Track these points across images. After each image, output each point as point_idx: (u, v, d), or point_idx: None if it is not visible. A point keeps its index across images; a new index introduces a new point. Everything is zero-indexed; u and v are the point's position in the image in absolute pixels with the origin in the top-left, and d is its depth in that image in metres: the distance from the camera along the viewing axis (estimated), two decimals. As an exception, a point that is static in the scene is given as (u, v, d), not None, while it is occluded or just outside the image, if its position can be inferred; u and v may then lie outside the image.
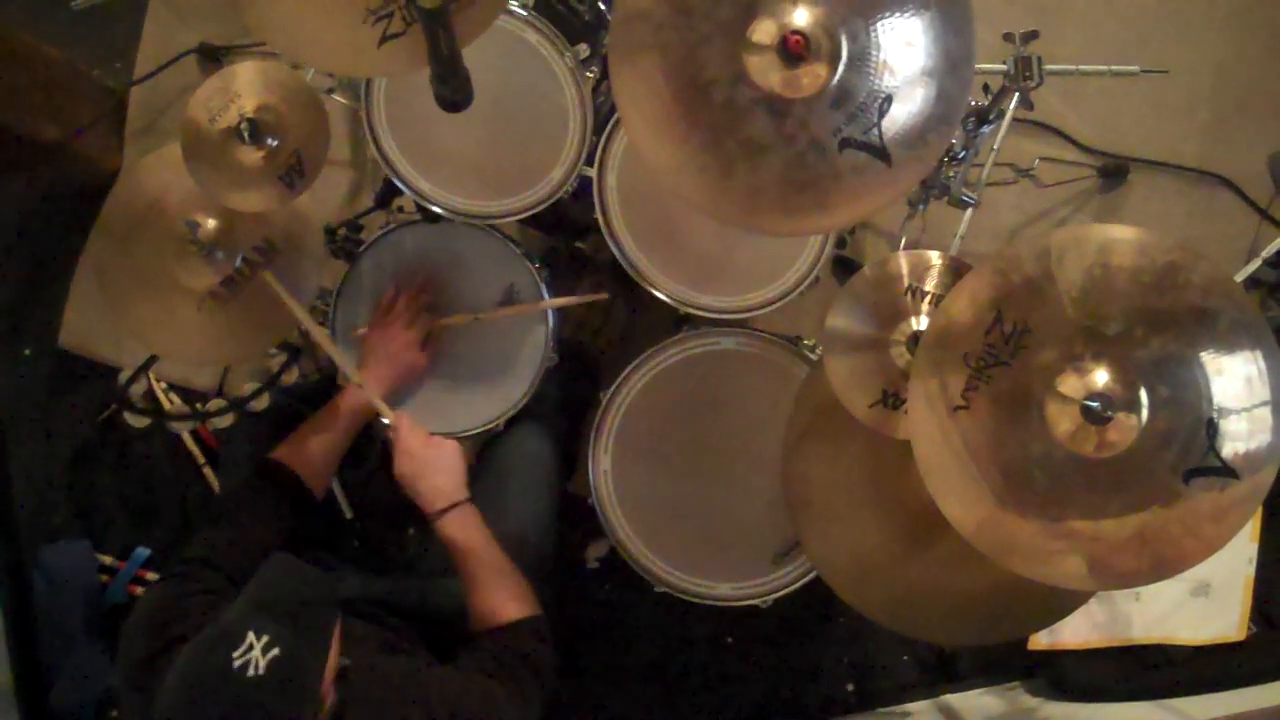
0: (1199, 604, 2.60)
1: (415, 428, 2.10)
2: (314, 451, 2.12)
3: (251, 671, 1.40)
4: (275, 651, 1.42)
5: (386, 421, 2.12)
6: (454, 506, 2.04)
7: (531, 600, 2.02)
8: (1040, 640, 2.69)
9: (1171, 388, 1.40)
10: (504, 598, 1.99)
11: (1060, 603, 1.78)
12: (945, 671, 2.96)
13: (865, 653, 2.99)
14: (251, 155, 1.88)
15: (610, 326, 2.82)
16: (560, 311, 2.31)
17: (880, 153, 1.47)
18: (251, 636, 1.42)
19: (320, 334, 2.04)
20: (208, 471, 3.03)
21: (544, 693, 1.90)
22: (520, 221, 2.26)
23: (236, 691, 1.40)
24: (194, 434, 3.02)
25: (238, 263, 1.99)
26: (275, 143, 1.88)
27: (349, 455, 2.22)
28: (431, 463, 2.07)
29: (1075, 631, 2.65)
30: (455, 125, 2.17)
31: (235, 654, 1.41)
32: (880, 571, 1.84)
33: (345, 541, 2.49)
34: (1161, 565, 1.40)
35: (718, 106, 1.49)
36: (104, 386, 3.05)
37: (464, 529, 2.03)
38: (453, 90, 1.55)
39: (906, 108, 1.47)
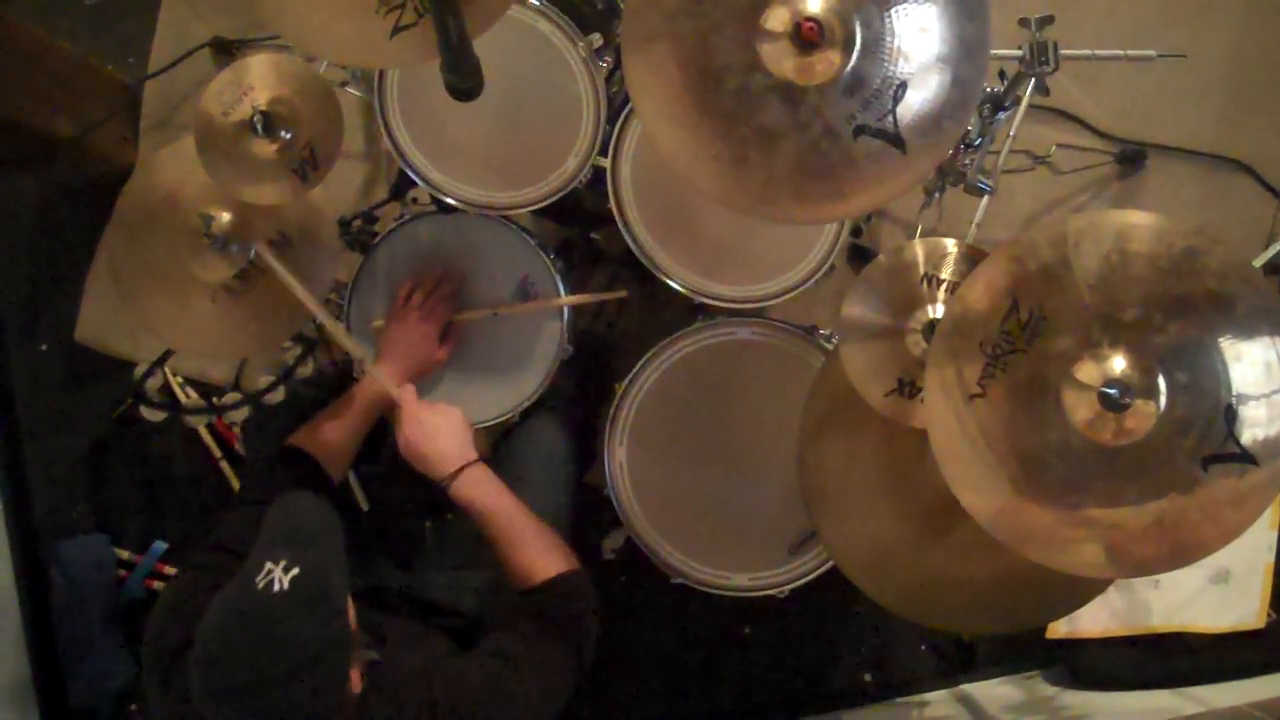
0: (1219, 592, 2.59)
1: (418, 398, 2.11)
2: (331, 437, 2.12)
3: (276, 587, 1.43)
4: (296, 570, 1.45)
5: (395, 393, 2.11)
6: (465, 468, 2.03)
7: (563, 553, 2.01)
8: (1059, 629, 2.68)
9: (1190, 374, 1.39)
10: (534, 554, 1.98)
11: (1078, 591, 1.78)
12: (963, 661, 2.95)
13: (883, 642, 2.98)
14: (265, 148, 1.87)
15: (625, 318, 2.82)
16: (575, 305, 2.31)
17: (895, 139, 1.46)
18: (269, 564, 1.46)
19: (320, 310, 2.02)
20: (224, 465, 3.04)
21: (579, 649, 1.90)
22: (535, 213, 2.26)
23: (264, 608, 1.43)
24: (210, 428, 3.03)
25: (252, 256, 1.98)
26: (289, 135, 1.87)
27: (365, 450, 2.22)
28: (438, 427, 2.06)
29: (1094, 620, 2.64)
30: (469, 116, 2.18)
31: (257, 579, 1.44)
32: (897, 561, 1.84)
33: (362, 534, 2.49)
34: (1180, 552, 1.39)
35: (731, 94, 1.49)
36: (120, 382, 3.06)
37: (478, 488, 2.02)
38: (462, 78, 1.54)
39: (921, 94, 1.46)
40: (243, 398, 2.27)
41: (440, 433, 2.06)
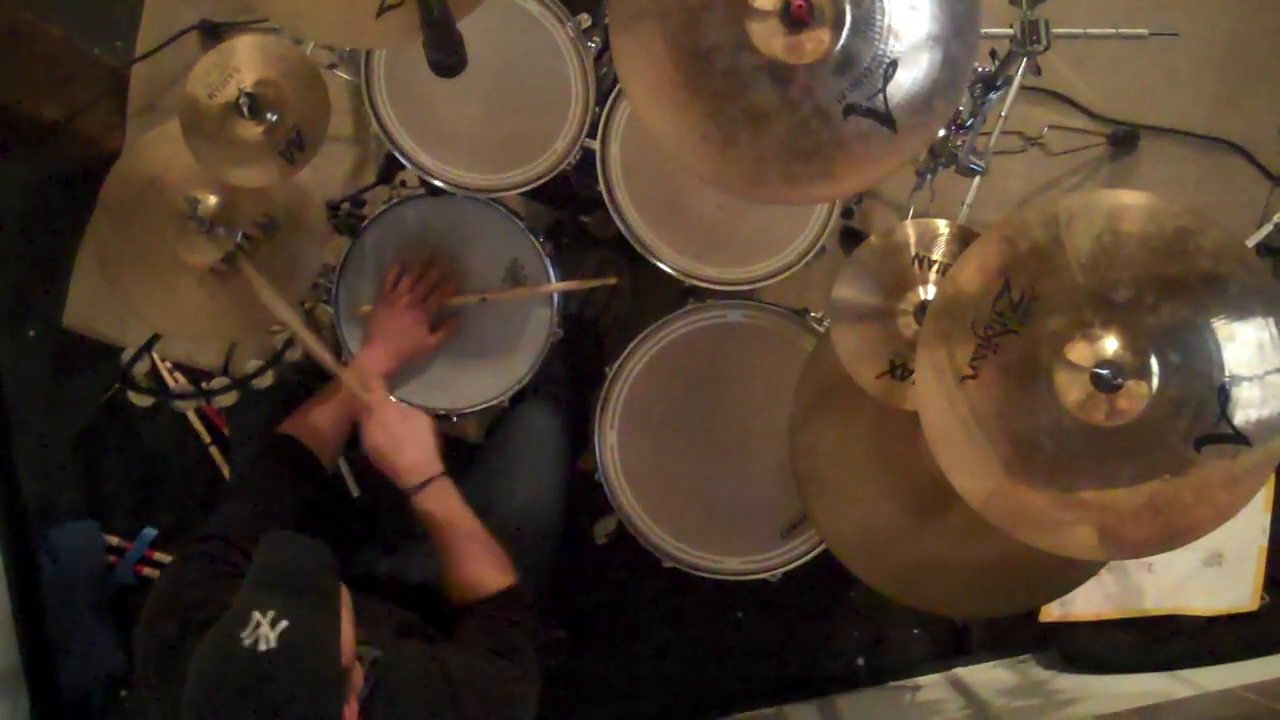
0: (1212, 574, 2.60)
1: (387, 401, 2.10)
2: (321, 424, 2.11)
3: (263, 646, 1.38)
4: (284, 624, 1.40)
5: (365, 397, 2.10)
6: (429, 481, 2.04)
7: (510, 568, 2.02)
8: (1052, 612, 2.68)
9: (1182, 354, 1.39)
10: (485, 568, 1.99)
11: (1071, 573, 1.78)
12: (956, 645, 2.96)
13: (876, 627, 2.98)
14: (251, 130, 1.86)
15: (616, 302, 2.80)
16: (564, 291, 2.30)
17: (885, 119, 1.45)
18: (257, 615, 1.40)
19: (295, 322, 2.01)
20: (214, 451, 3.02)
21: (538, 659, 1.89)
22: (525, 196, 2.24)
23: (251, 668, 1.38)
24: (200, 414, 3.02)
25: (239, 239, 1.97)
26: (275, 117, 1.86)
27: (356, 437, 2.20)
28: (406, 437, 2.06)
29: (1087, 603, 2.64)
30: (457, 98, 2.17)
31: (244, 634, 1.39)
32: (890, 544, 1.84)
33: (352, 519, 2.49)
34: (1173, 534, 1.40)
35: (720, 74, 1.47)
36: (109, 367, 3.04)
37: (441, 502, 2.03)
38: (445, 54, 1.53)
39: (912, 73, 1.44)
40: (231, 382, 2.26)
41: (407, 443, 2.06)
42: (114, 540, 3.03)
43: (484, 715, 1.71)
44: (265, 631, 1.39)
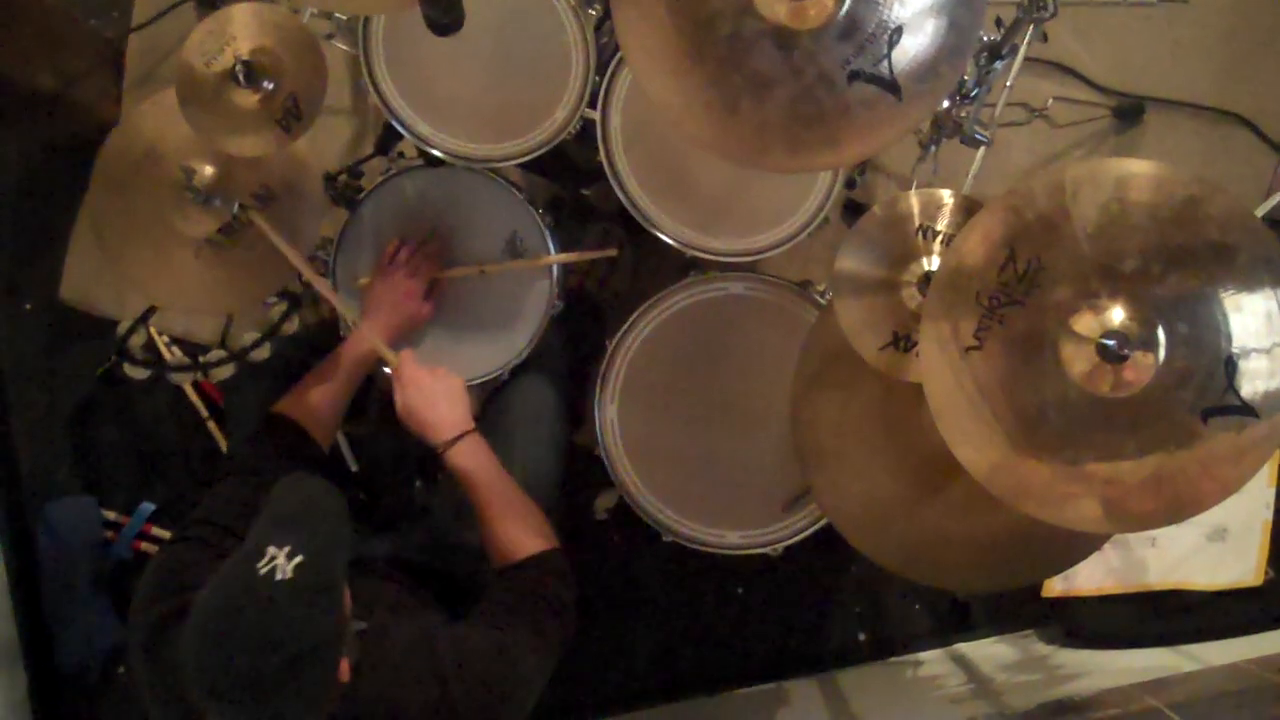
0: (1216, 549, 2.59)
1: (419, 363, 2.08)
2: (318, 403, 2.09)
3: (279, 576, 1.38)
4: (299, 559, 1.40)
5: (387, 370, 2.09)
6: (463, 436, 2.02)
7: (548, 533, 2.00)
8: (1054, 587, 2.67)
9: (1189, 325, 1.37)
10: (519, 530, 1.97)
11: (1075, 547, 1.77)
12: (958, 620, 2.95)
13: (877, 602, 2.98)
14: (247, 99, 1.85)
15: (616, 275, 2.79)
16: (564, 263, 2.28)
17: (890, 85, 1.42)
18: (273, 549, 1.40)
19: (314, 276, 2.00)
20: (211, 425, 3.01)
21: (564, 629, 1.89)
22: (525, 168, 2.23)
23: (267, 596, 1.38)
24: (197, 387, 3.00)
25: (235, 210, 1.96)
26: (271, 86, 1.84)
27: (351, 409, 2.19)
28: (439, 393, 2.05)
29: (1090, 578, 2.63)
30: (455, 67, 2.15)
31: (260, 564, 1.39)
32: (892, 518, 1.82)
33: (350, 496, 2.47)
34: (1178, 507, 1.38)
35: (722, 40, 1.45)
36: (106, 341, 3.01)
37: (475, 458, 2.01)
38: (441, 12, 1.51)
39: (917, 39, 1.42)
40: (228, 355, 2.24)
41: (441, 399, 2.04)
42: (111, 515, 3.02)
43: (470, 693, 1.69)
44: (281, 563, 1.39)
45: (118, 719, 3.02)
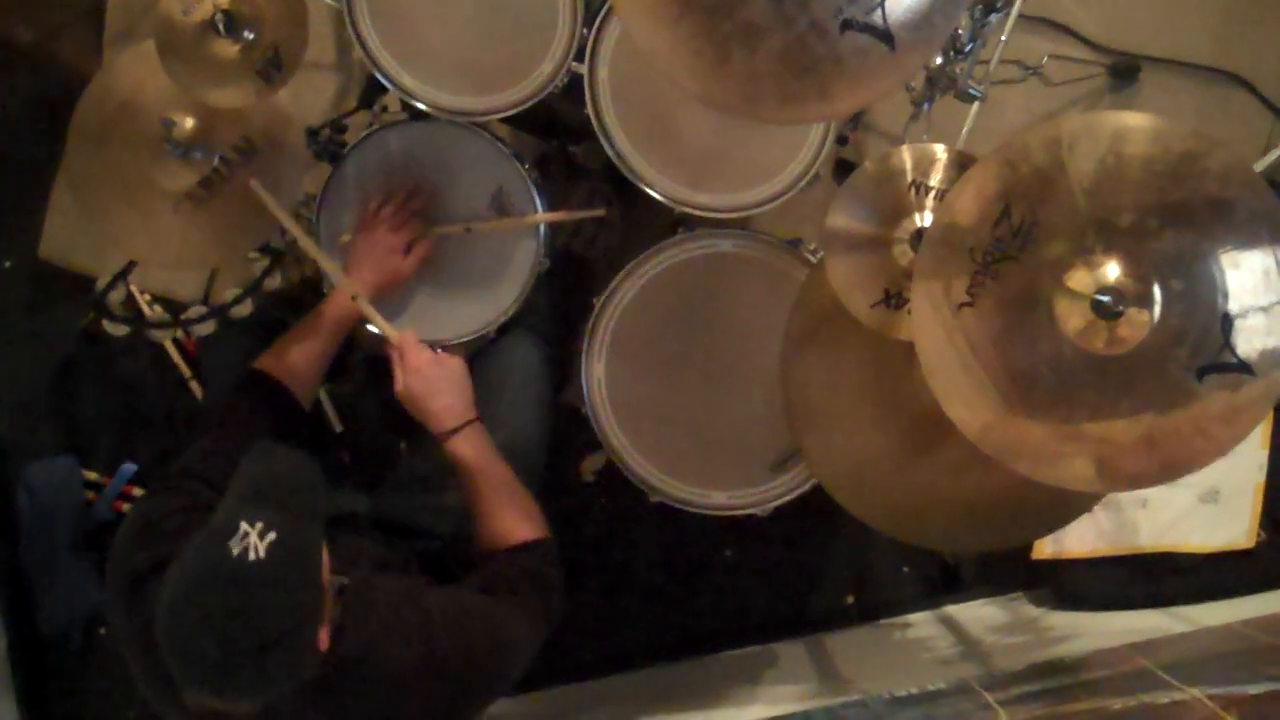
0: (1208, 511, 2.58)
1: (421, 345, 2.05)
2: (299, 360, 2.07)
3: (252, 556, 1.35)
4: (273, 535, 1.37)
5: (374, 329, 2.05)
6: (465, 425, 2.00)
7: (541, 522, 2.00)
8: (1045, 549, 2.67)
9: (1186, 281, 1.36)
10: (514, 519, 1.97)
11: (1066, 507, 1.77)
12: (947, 583, 2.95)
13: (866, 565, 2.97)
14: (228, 49, 1.83)
15: (604, 234, 2.76)
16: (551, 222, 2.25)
17: (884, 35, 1.40)
18: (245, 525, 1.37)
19: (310, 246, 1.98)
20: (193, 385, 2.99)
21: (551, 616, 1.88)
22: (512, 125, 2.20)
23: (240, 579, 1.35)
24: (178, 346, 2.97)
25: (216, 163, 1.94)
26: (252, 35, 1.83)
27: (333, 368, 2.17)
28: (442, 380, 2.02)
29: (1081, 540, 2.62)
30: (440, 18, 2.12)
31: (232, 543, 1.36)
32: (882, 478, 1.82)
33: (334, 456, 2.45)
34: (1171, 467, 1.37)
35: (712, -14, 1.42)
36: (86, 300, 2.98)
37: (476, 448, 2.00)
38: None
39: (911, -14, 1.39)
40: (208, 311, 2.22)
41: (443, 387, 2.02)
42: (92, 476, 3.01)
43: (456, 650, 1.69)
44: (254, 542, 1.36)
45: (100, 680, 3.01)
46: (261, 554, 1.36)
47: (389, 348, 2.05)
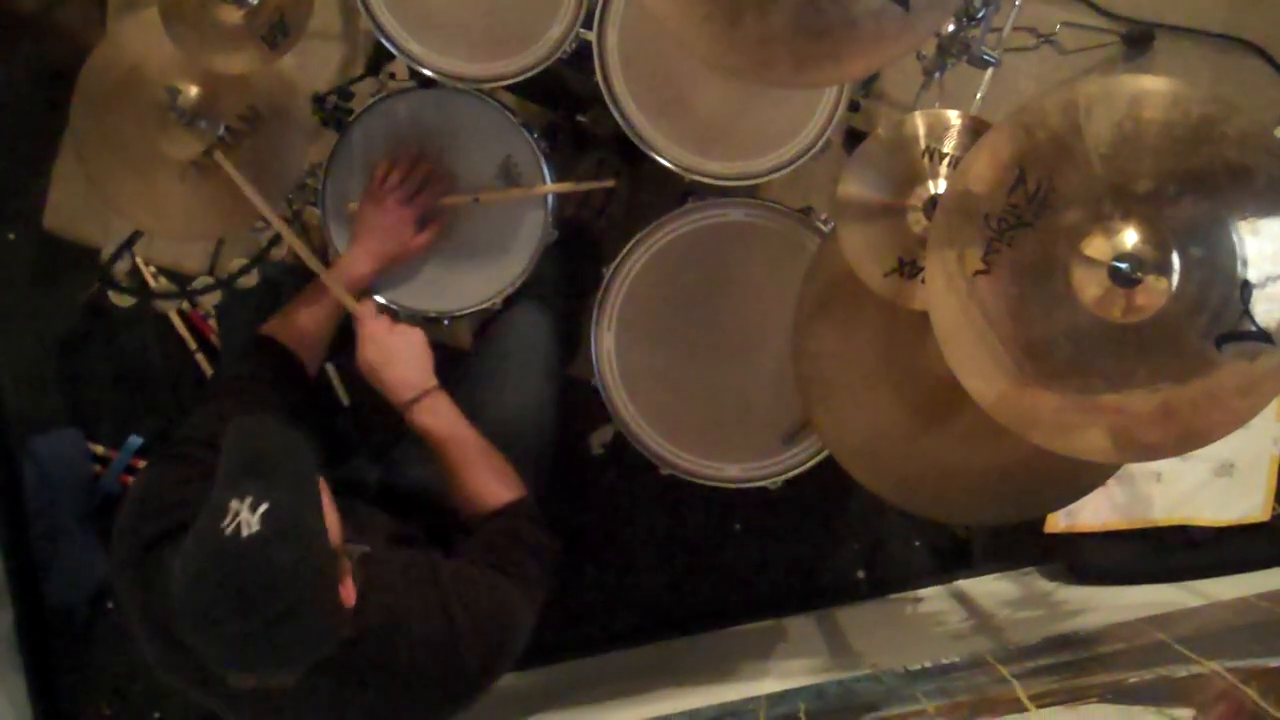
0: (1222, 485, 2.56)
1: (379, 316, 2.05)
2: (305, 325, 2.06)
3: (245, 531, 1.35)
4: (265, 506, 1.37)
5: (352, 306, 2.06)
6: (424, 395, 2.00)
7: (515, 481, 1.99)
8: (1058, 523, 2.65)
9: (1204, 248, 1.34)
10: (486, 482, 1.96)
11: (1080, 480, 1.76)
12: (958, 557, 2.94)
13: (876, 539, 2.96)
14: (232, 14, 1.81)
15: (613, 204, 2.74)
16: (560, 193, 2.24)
17: (898, -5, 1.38)
18: (234, 503, 1.38)
19: (280, 224, 1.96)
20: (199, 357, 2.97)
21: (545, 569, 1.88)
22: (518, 94, 2.17)
23: (238, 553, 1.35)
24: (184, 318, 2.96)
25: (221, 131, 1.93)
26: (256, 1, 1.80)
27: (342, 340, 2.15)
28: (397, 351, 2.02)
29: (1094, 514, 2.61)
30: (447, -17, 2.09)
31: (224, 524, 1.36)
32: (894, 449, 1.81)
33: (342, 427, 2.44)
34: (1187, 438, 1.36)
35: (722, -52, 1.40)
36: (92, 272, 2.99)
37: (436, 416, 1.99)
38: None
39: (925, -52, 1.37)
40: (214, 282, 2.20)
41: (399, 357, 2.02)
42: (99, 449, 3.00)
43: (470, 622, 1.68)
44: (246, 517, 1.37)
45: (106, 653, 3.02)
46: (255, 526, 1.36)
47: (355, 321, 2.05)
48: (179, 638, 1.44)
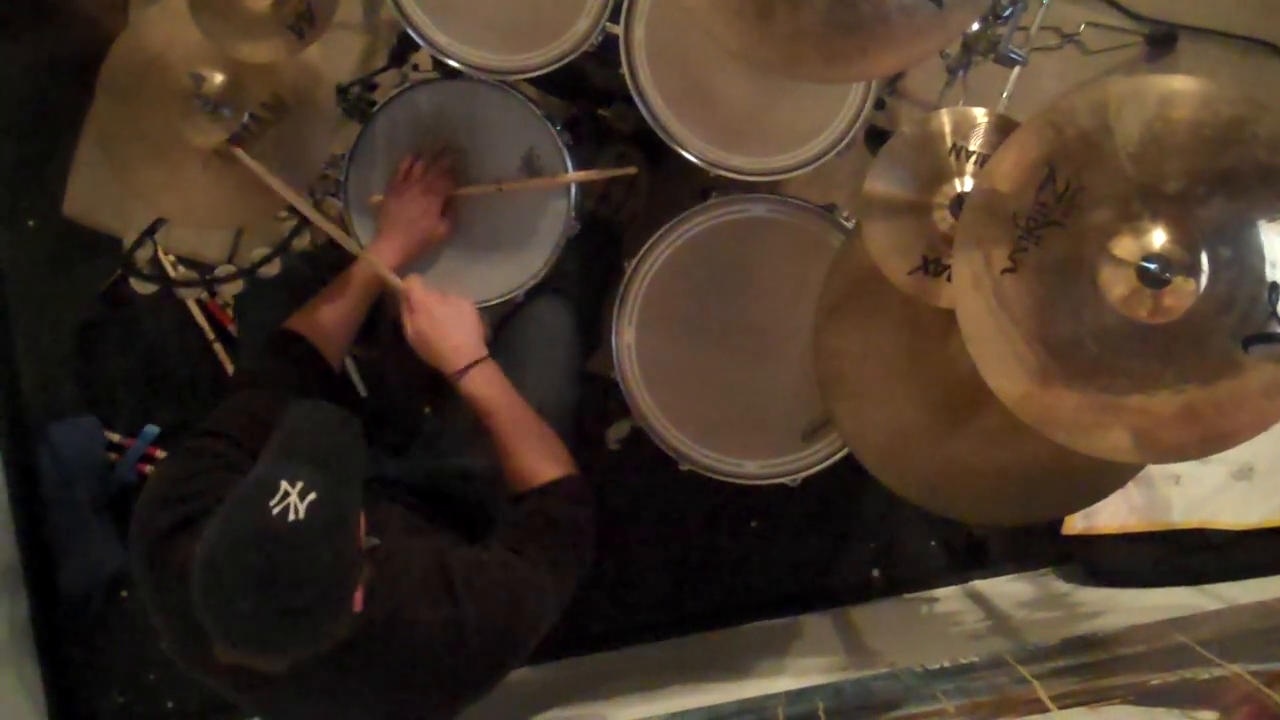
0: (1241, 488, 2.55)
1: (428, 288, 2.05)
2: (329, 321, 2.06)
3: (292, 516, 1.36)
4: (313, 496, 1.38)
5: (397, 284, 2.05)
6: (476, 363, 2.00)
7: (565, 458, 1.99)
8: (1075, 524, 2.65)
9: (1233, 249, 1.33)
10: (537, 458, 1.96)
11: (1101, 481, 1.75)
12: (974, 557, 2.93)
13: (892, 538, 2.96)
14: (259, 2, 1.81)
15: (635, 199, 2.73)
16: (583, 182, 2.23)
17: (931, -9, 1.38)
18: (285, 484, 1.38)
19: (309, 209, 1.96)
20: (218, 347, 2.98)
21: (581, 556, 1.88)
22: (540, 87, 2.17)
23: (279, 537, 1.36)
24: (203, 307, 2.97)
25: (245, 120, 1.93)
26: (284, -11, 1.80)
27: (361, 331, 2.16)
28: (450, 319, 2.03)
29: (1112, 515, 2.60)
30: (473, -28, 2.09)
31: (272, 503, 1.37)
32: (915, 448, 1.80)
33: (362, 420, 2.44)
34: (1210, 440, 1.35)
35: (756, -60, 1.40)
36: (110, 259, 3.00)
37: (488, 385, 2.00)
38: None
39: (959, -57, 1.37)
40: (236, 271, 2.20)
41: (453, 326, 2.02)
42: (115, 438, 3.02)
43: (481, 616, 1.68)
44: (294, 502, 1.37)
45: (120, 642, 3.03)
46: (301, 514, 1.36)
47: (400, 299, 2.05)
48: (192, 599, 1.43)
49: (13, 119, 3.10)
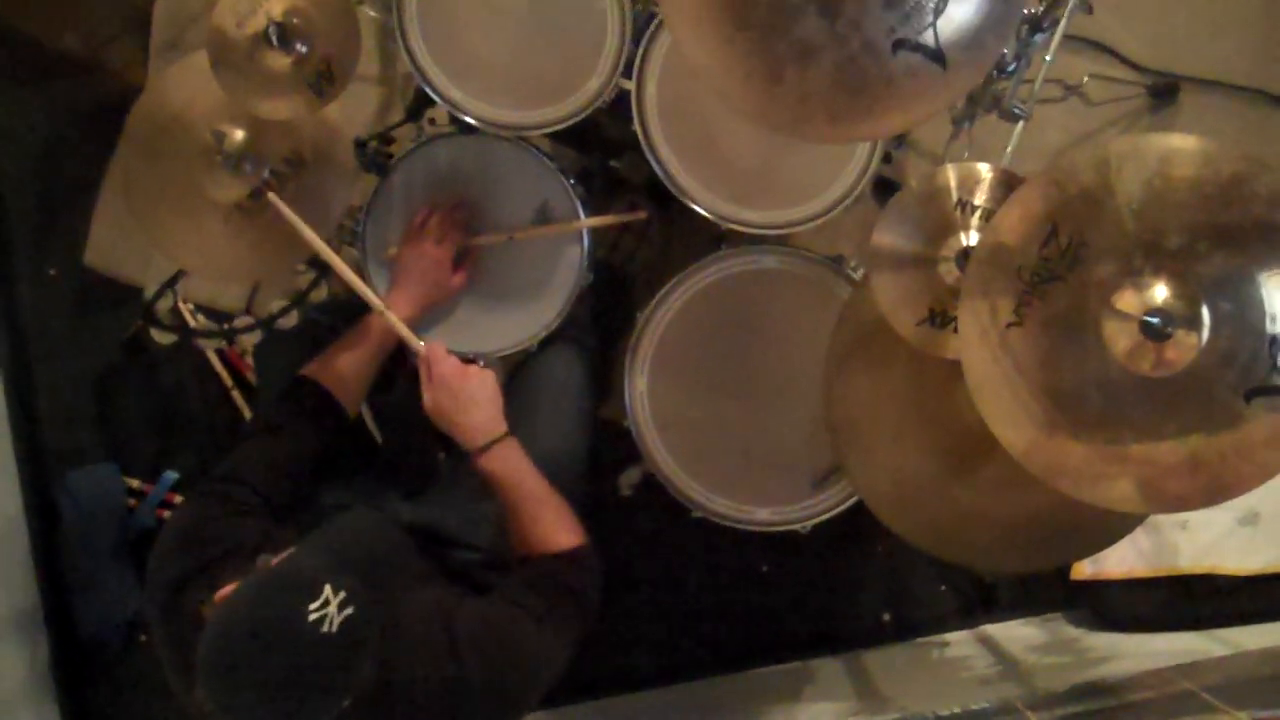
0: (1247, 533, 2.56)
1: (448, 357, 2.01)
2: (345, 369, 2.08)
3: (325, 628, 1.35)
4: (349, 610, 1.38)
5: (418, 347, 2.05)
6: (496, 442, 1.97)
7: (577, 529, 1.97)
8: (1083, 570, 2.66)
9: (1235, 304, 1.35)
10: (549, 529, 1.94)
11: (1109, 529, 1.75)
12: (984, 601, 2.94)
13: (902, 583, 2.96)
14: (280, 61, 1.84)
15: (646, 249, 2.76)
16: (595, 232, 2.25)
17: (935, 55, 1.40)
18: (329, 591, 1.38)
19: (337, 262, 1.98)
20: (236, 395, 3.00)
21: (584, 620, 1.87)
22: (554, 139, 2.20)
23: (308, 646, 1.36)
24: (221, 356, 2.99)
25: (266, 175, 1.95)
26: (304, 48, 1.84)
27: (378, 379, 2.18)
28: (470, 396, 1.98)
29: (1120, 561, 2.61)
30: (489, 32, 2.14)
31: (312, 607, 1.36)
32: (924, 496, 1.81)
33: (375, 467, 2.46)
34: (1215, 490, 1.36)
35: (766, 5, 1.43)
36: (130, 307, 3.02)
37: (506, 464, 1.97)
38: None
39: (964, 7, 1.40)
40: (254, 322, 2.23)
41: (473, 403, 1.98)
42: (134, 484, 3.03)
43: (482, 671, 1.68)
44: (332, 613, 1.37)
45: (139, 686, 3.03)
46: (334, 628, 1.36)
47: (418, 361, 2.03)
48: (199, 657, 1.41)
49: (35, 169, 3.12)
